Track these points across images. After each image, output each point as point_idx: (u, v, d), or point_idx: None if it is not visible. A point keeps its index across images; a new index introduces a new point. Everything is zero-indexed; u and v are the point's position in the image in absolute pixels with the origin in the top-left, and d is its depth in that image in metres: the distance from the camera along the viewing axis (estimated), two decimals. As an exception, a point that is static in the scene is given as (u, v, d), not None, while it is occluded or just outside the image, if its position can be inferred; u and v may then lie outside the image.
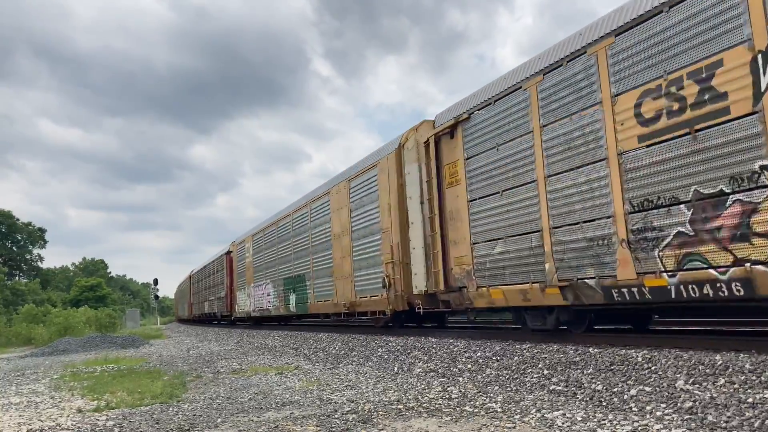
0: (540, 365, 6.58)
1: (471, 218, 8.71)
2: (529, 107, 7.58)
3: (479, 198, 8.55)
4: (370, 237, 12.09)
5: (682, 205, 5.73)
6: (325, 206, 14.69)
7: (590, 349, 6.55)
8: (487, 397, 5.88)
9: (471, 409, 5.36)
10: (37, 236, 71.70)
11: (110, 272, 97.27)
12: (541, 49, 8.18)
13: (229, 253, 25.99)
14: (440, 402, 5.80)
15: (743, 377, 4.68)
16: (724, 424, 4.08)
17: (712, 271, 5.44)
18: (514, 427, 4.61)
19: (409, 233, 10.45)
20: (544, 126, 7.36)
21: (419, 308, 10.37)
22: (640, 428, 4.25)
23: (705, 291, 5.54)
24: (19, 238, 70.14)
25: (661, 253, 5.91)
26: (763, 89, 5.07)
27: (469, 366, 7.45)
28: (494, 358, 7.36)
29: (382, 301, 11.44)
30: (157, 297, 67.83)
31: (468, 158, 8.82)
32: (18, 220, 69.38)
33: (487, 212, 8.37)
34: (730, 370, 4.87)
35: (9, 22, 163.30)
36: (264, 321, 22.55)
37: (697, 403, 4.54)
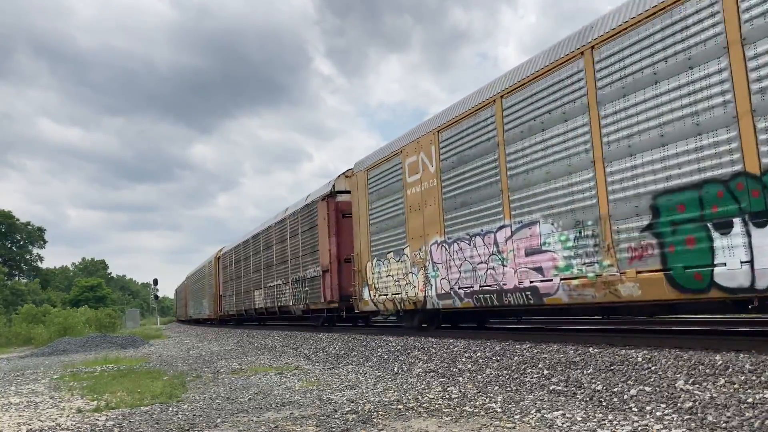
0: (540, 365, 6.58)
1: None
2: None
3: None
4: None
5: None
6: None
7: (590, 349, 6.55)
8: (487, 397, 5.88)
9: (471, 409, 5.36)
10: (37, 236, 71.74)
11: (110, 272, 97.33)
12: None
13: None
14: (440, 402, 5.80)
15: (743, 377, 4.68)
16: (724, 424, 4.08)
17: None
18: (514, 427, 4.61)
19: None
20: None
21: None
22: (640, 428, 4.25)
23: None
24: (19, 238, 70.16)
25: None
26: None
27: (469, 366, 7.45)
28: (494, 358, 7.36)
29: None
30: (156, 297, 67.88)
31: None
32: (17, 220, 69.42)
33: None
34: (730, 370, 4.87)
35: (9, 20, 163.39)
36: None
37: (697, 403, 4.54)
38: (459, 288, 8.99)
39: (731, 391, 4.56)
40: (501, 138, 8.16)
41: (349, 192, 13.41)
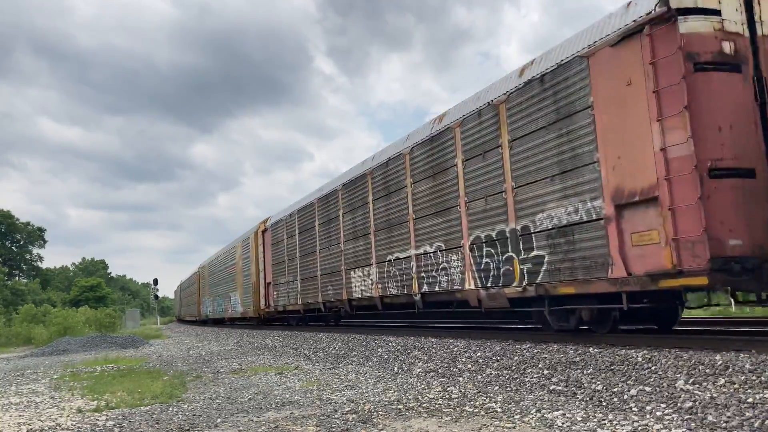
0: (540, 365, 6.58)
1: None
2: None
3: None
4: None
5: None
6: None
7: (590, 349, 6.55)
8: (487, 397, 5.88)
9: (471, 409, 5.36)
10: (37, 236, 71.72)
11: (110, 272, 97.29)
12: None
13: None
14: (440, 402, 5.80)
15: (743, 377, 4.68)
16: (724, 424, 4.08)
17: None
18: (514, 427, 4.61)
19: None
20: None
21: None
22: (640, 428, 4.25)
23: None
24: (19, 237, 70.15)
25: None
26: None
27: (469, 366, 7.45)
28: (494, 358, 7.36)
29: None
30: (156, 297, 67.85)
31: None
32: (17, 219, 69.42)
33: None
34: (730, 370, 4.87)
35: (8, 19, 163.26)
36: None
37: (697, 403, 4.54)
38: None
39: (731, 391, 4.57)
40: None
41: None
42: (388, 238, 11.42)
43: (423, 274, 10.20)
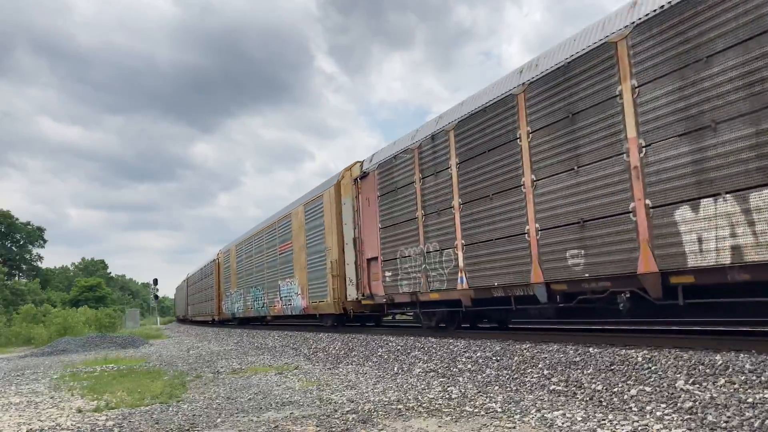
0: (540, 365, 6.58)
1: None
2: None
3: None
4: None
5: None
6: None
7: (590, 349, 6.55)
8: (487, 397, 5.88)
9: (471, 409, 5.36)
10: (36, 236, 71.73)
11: (110, 272, 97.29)
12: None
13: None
14: (440, 402, 5.80)
15: (743, 377, 4.68)
16: (724, 424, 4.08)
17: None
18: (514, 427, 4.61)
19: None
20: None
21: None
22: (640, 428, 4.25)
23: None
24: (19, 237, 70.16)
25: None
26: None
27: (469, 366, 7.45)
28: (494, 358, 7.36)
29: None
30: (156, 297, 67.90)
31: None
32: (17, 219, 69.43)
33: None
34: (730, 370, 4.87)
35: (8, 18, 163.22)
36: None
37: (697, 403, 4.54)
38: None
39: (731, 391, 4.56)
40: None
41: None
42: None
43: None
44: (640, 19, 6.36)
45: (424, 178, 10.11)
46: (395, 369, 8.46)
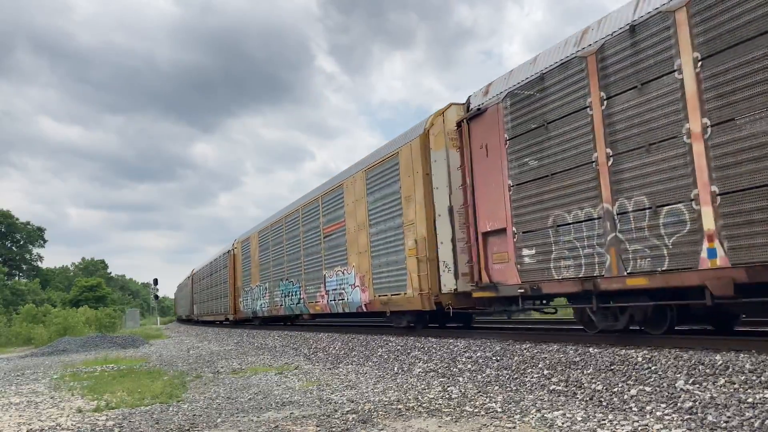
0: (540, 365, 6.58)
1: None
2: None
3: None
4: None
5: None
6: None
7: (590, 349, 6.55)
8: (487, 397, 5.88)
9: (471, 409, 5.36)
10: (37, 236, 71.76)
11: (110, 272, 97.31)
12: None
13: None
14: (440, 402, 5.80)
15: (743, 377, 4.68)
16: (724, 424, 4.08)
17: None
18: (514, 427, 4.61)
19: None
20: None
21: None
22: (640, 428, 4.25)
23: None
24: (19, 237, 70.18)
25: None
26: None
27: (469, 366, 7.45)
28: (494, 358, 7.36)
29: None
30: (156, 297, 67.96)
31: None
32: (17, 219, 69.46)
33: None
34: (730, 370, 4.87)
35: (8, 17, 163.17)
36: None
37: (697, 403, 4.54)
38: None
39: (731, 391, 4.56)
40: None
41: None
42: None
43: None
44: None
45: (610, 98, 6.62)
46: (395, 369, 8.47)
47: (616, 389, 5.30)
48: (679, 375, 5.12)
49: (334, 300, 13.74)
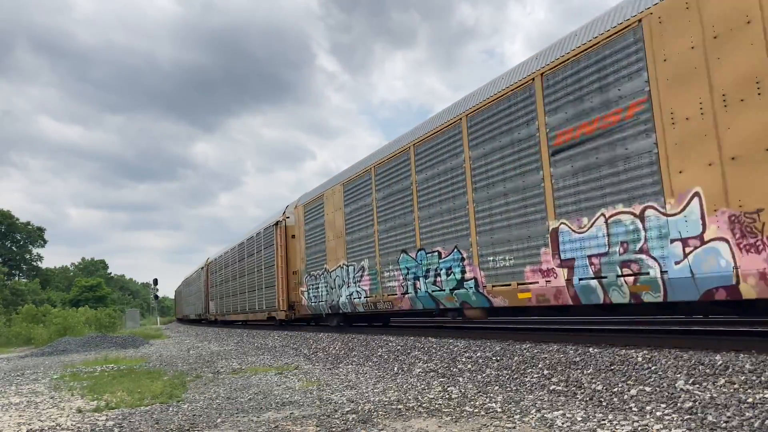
0: (540, 365, 6.58)
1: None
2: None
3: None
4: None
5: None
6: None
7: (590, 349, 6.55)
8: (487, 397, 5.88)
9: (471, 409, 5.36)
10: (37, 236, 71.77)
11: (110, 272, 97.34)
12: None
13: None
14: (440, 402, 5.80)
15: (743, 377, 4.68)
16: (724, 424, 4.08)
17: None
18: (514, 427, 4.61)
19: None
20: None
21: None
22: (640, 428, 4.25)
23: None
24: (19, 237, 70.19)
25: None
26: None
27: (469, 366, 7.45)
28: (494, 358, 7.36)
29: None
30: (156, 297, 67.98)
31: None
32: (17, 219, 69.48)
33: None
34: (730, 370, 4.87)
35: (8, 16, 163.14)
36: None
37: (697, 403, 4.54)
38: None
39: (731, 391, 4.57)
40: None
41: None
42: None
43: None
44: None
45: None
46: (395, 369, 8.47)
47: (616, 389, 5.30)
48: (679, 375, 5.12)
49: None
